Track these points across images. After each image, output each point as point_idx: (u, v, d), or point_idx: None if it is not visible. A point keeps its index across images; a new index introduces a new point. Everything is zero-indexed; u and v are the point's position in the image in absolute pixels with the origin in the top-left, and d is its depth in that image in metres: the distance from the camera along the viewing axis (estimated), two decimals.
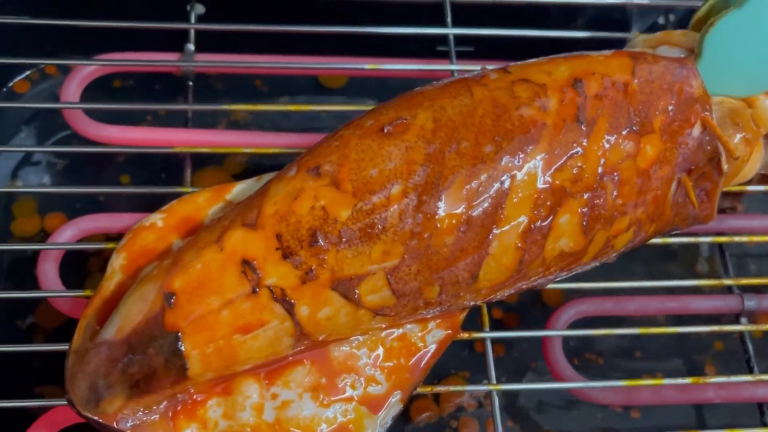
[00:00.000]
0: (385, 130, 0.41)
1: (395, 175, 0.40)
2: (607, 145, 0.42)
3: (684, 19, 0.62)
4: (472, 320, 0.48)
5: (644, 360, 0.56)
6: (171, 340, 0.39)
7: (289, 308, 0.40)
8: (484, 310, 0.49)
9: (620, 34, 0.57)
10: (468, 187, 0.40)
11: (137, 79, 0.63)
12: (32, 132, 0.61)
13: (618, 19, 0.63)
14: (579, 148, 0.42)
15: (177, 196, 0.47)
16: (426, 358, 0.46)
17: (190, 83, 0.56)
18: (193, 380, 0.40)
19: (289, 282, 0.39)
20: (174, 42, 0.57)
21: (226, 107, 0.52)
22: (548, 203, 0.41)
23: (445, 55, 0.57)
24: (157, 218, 0.46)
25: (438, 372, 0.53)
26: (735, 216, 0.56)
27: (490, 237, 0.41)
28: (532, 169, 0.41)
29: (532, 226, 0.41)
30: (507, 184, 0.41)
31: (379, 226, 0.40)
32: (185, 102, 0.56)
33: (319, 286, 0.40)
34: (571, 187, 0.41)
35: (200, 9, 0.59)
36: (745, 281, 0.52)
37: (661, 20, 0.63)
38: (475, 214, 0.40)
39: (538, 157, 0.41)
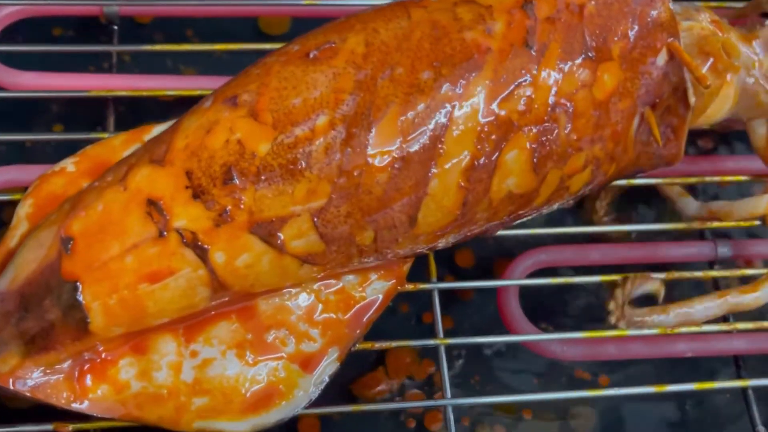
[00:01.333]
0: (311, 56, 0.37)
1: (321, 104, 0.36)
2: (559, 73, 0.38)
3: None
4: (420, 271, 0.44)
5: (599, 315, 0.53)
6: (68, 290, 0.35)
7: (202, 254, 0.35)
8: (431, 259, 0.45)
9: None
10: (403, 118, 0.36)
11: (76, 28, 0.59)
12: None
13: None
14: (528, 76, 0.37)
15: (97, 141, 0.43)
16: (367, 312, 0.42)
17: (116, 27, 0.52)
18: (98, 335, 0.36)
19: (200, 224, 0.35)
20: None
21: (148, 47, 0.47)
22: (493, 137, 0.37)
23: None
24: (68, 163, 0.42)
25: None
26: (707, 158, 0.52)
27: (429, 175, 0.37)
28: (474, 98, 0.37)
29: (476, 162, 0.37)
30: (447, 115, 0.36)
31: (303, 162, 0.35)
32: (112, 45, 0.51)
33: (235, 229, 0.35)
34: (518, 119, 0.37)
35: None
36: (717, 224, 0.48)
37: None
38: (411, 149, 0.36)
39: (482, 85, 0.37)
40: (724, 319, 0.47)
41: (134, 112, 0.53)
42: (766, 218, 0.46)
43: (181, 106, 0.46)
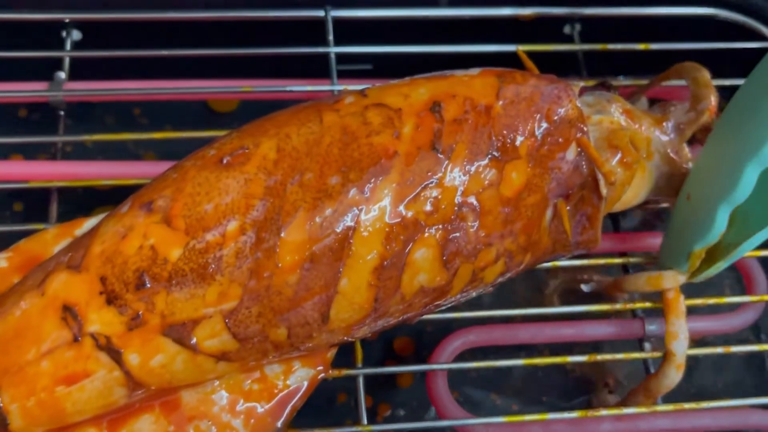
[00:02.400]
0: (225, 161, 0.38)
1: (232, 210, 0.37)
2: (465, 174, 0.39)
3: (588, 29, 0.59)
4: (347, 355, 0.45)
5: (539, 392, 0.54)
6: None
7: (116, 357, 0.37)
8: (357, 345, 0.46)
9: (512, 46, 0.54)
10: (311, 222, 0.37)
11: (8, 108, 0.60)
12: None
13: (526, 28, 0.60)
14: (434, 178, 0.39)
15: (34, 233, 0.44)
16: (291, 401, 0.43)
17: (61, 113, 0.53)
18: None
19: (113, 329, 0.36)
20: (50, 68, 0.54)
21: (87, 137, 0.49)
22: (401, 237, 0.38)
23: (345, 75, 0.54)
24: (1, 258, 0.43)
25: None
26: (637, 235, 0.53)
27: (338, 274, 0.38)
28: (381, 201, 0.38)
29: (385, 262, 0.38)
30: (354, 218, 0.38)
31: (213, 266, 0.37)
32: (57, 135, 0.53)
33: (148, 332, 0.37)
34: (425, 219, 0.39)
35: (77, 35, 0.56)
36: (644, 305, 0.49)
37: (567, 29, 0.60)
38: (319, 250, 0.37)
39: (389, 188, 0.38)
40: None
41: (76, 195, 0.55)
42: (663, 294, 0.47)
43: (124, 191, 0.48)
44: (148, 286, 0.37)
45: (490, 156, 0.40)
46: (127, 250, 0.37)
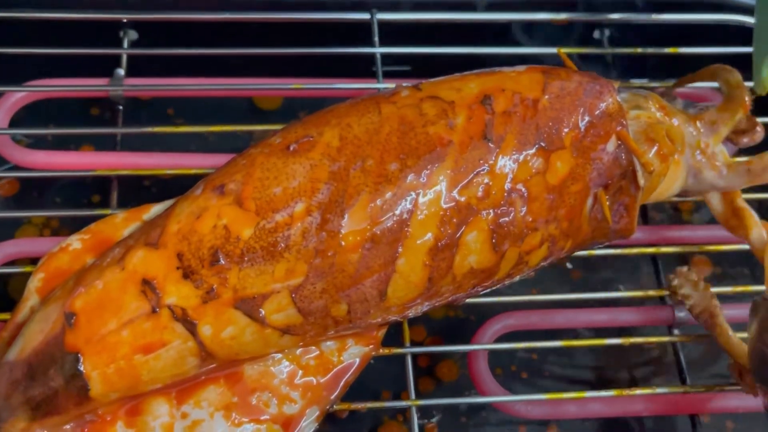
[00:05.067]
0: (291, 148, 0.41)
1: (299, 193, 0.40)
2: (514, 162, 0.42)
3: (618, 33, 0.62)
4: (396, 333, 0.48)
5: (573, 374, 0.56)
6: (71, 361, 0.39)
7: (191, 328, 0.39)
8: (405, 326, 0.48)
9: (551, 49, 0.56)
10: (372, 205, 0.40)
11: (80, 106, 0.64)
12: None
13: (557, 32, 0.63)
14: (486, 166, 0.42)
15: (101, 218, 0.47)
16: (344, 375, 0.46)
17: (120, 107, 0.57)
18: (97, 401, 0.40)
19: (189, 301, 0.39)
20: (109, 67, 0.57)
21: (149, 129, 0.52)
22: (455, 220, 0.41)
23: (387, 75, 0.57)
24: (74, 239, 0.46)
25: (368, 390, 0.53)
26: (667, 227, 0.55)
27: (396, 254, 0.41)
28: (437, 186, 0.41)
29: (439, 243, 0.41)
30: (412, 201, 0.40)
31: (282, 245, 0.40)
32: (116, 127, 0.56)
33: (221, 305, 0.40)
34: (477, 204, 0.41)
35: (133, 35, 0.59)
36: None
37: (596, 34, 0.63)
38: (379, 231, 0.40)
39: (444, 175, 0.41)
40: (681, 380, 0.51)
41: (135, 183, 0.58)
42: None
43: (178, 181, 0.51)
44: (222, 262, 0.39)
45: (537, 146, 0.43)
46: (202, 229, 0.40)
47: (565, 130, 0.43)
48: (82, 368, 0.39)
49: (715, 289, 0.50)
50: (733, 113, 0.49)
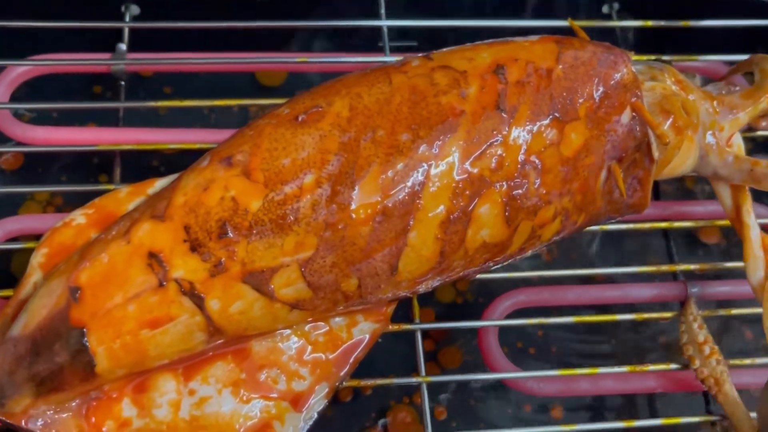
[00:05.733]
0: (300, 119, 0.40)
1: (308, 164, 0.39)
2: (528, 133, 0.41)
3: (627, 6, 0.61)
4: (405, 312, 0.47)
5: (584, 352, 0.56)
6: (76, 336, 0.38)
7: (199, 302, 0.39)
8: (415, 302, 0.48)
9: (563, 22, 0.55)
10: (383, 176, 0.39)
11: (82, 84, 0.63)
12: None
13: (564, 6, 0.62)
14: (499, 136, 0.41)
15: (104, 193, 0.46)
16: (354, 352, 0.45)
17: (122, 83, 0.56)
18: (103, 377, 0.39)
19: (197, 275, 0.38)
20: (111, 43, 0.56)
21: (152, 103, 0.51)
22: (467, 192, 0.40)
23: (393, 50, 0.56)
24: (78, 214, 0.45)
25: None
26: (678, 202, 0.54)
27: (408, 227, 0.40)
28: (449, 157, 0.40)
29: (451, 216, 0.40)
30: (424, 173, 0.40)
31: (291, 217, 0.39)
32: (119, 102, 0.55)
33: (229, 279, 0.39)
34: (490, 176, 0.40)
35: (135, 10, 0.58)
36: (685, 267, 0.51)
37: (605, 9, 0.62)
38: (391, 204, 0.39)
39: (456, 146, 0.40)
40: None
41: (138, 160, 0.57)
42: None
43: (182, 157, 0.50)
44: (230, 235, 0.38)
45: (551, 117, 0.42)
46: (209, 201, 0.39)
47: (580, 100, 0.42)
48: (87, 343, 0.38)
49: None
50: (757, 101, 0.47)
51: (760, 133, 0.53)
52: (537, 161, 0.41)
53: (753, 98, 0.47)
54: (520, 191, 0.41)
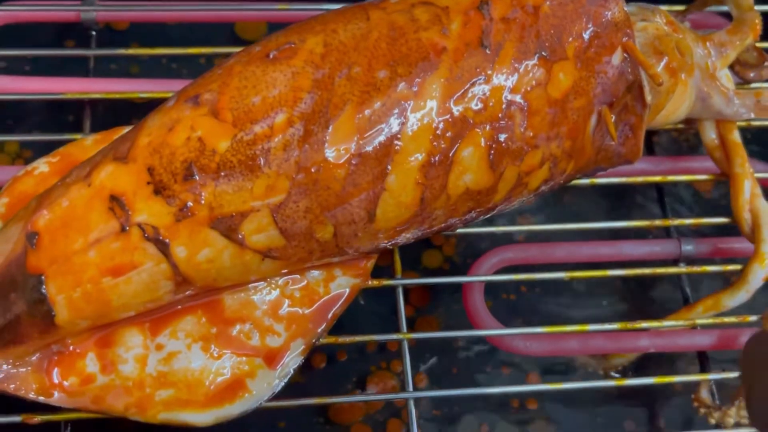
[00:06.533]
0: (271, 56, 0.38)
1: (279, 102, 0.37)
2: (514, 72, 0.39)
3: None
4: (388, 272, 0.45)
5: (573, 313, 0.53)
6: (33, 284, 0.36)
7: (164, 248, 0.36)
8: (397, 257, 0.46)
9: None
10: (359, 116, 0.37)
11: (52, 37, 0.60)
12: None
13: None
14: (483, 75, 0.38)
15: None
16: (332, 308, 0.43)
17: (93, 33, 0.53)
18: (64, 329, 0.37)
19: (161, 219, 0.36)
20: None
21: (123, 51, 0.49)
22: (449, 134, 0.38)
23: None
24: (41, 162, 0.43)
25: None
26: (671, 158, 0.52)
27: (386, 171, 0.38)
28: (430, 96, 0.38)
29: (432, 159, 0.38)
30: (402, 113, 0.37)
31: (262, 159, 0.36)
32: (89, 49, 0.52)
33: (195, 224, 0.36)
34: (474, 116, 0.38)
35: None
36: (678, 222, 0.49)
37: None
38: (367, 145, 0.37)
39: (437, 84, 0.38)
40: None
41: (111, 115, 0.54)
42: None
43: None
44: (196, 177, 0.36)
45: (538, 55, 0.39)
46: (175, 141, 0.37)
47: (569, 39, 0.40)
48: (45, 291, 0.36)
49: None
50: (743, 37, 0.46)
51: (754, 123, 0.51)
52: (523, 102, 0.39)
53: (738, 33, 0.45)
54: (505, 134, 0.39)
